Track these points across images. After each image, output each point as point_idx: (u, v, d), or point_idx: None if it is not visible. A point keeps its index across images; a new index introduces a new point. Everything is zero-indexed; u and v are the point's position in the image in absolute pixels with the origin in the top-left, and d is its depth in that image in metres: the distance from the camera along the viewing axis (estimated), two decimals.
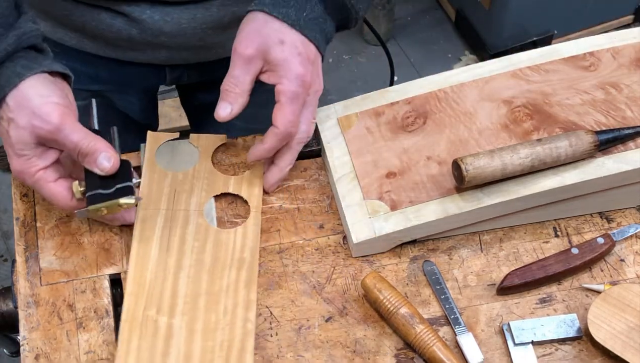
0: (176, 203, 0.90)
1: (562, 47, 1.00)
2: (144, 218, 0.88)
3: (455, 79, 0.98)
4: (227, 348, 0.80)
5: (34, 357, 0.81)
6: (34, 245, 0.89)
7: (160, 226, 0.88)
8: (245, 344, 0.81)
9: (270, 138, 0.86)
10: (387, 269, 0.89)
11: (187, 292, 0.84)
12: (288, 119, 0.85)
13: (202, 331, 0.81)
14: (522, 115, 0.94)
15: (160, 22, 0.97)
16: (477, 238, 0.92)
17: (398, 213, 0.88)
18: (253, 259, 0.87)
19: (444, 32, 2.54)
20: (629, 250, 0.91)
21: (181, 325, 0.81)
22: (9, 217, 2.07)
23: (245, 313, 0.83)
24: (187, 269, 0.85)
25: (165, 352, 0.79)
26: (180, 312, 0.82)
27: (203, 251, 0.87)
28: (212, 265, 0.86)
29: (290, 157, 0.90)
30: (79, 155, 0.80)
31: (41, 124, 0.78)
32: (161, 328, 0.81)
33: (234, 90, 0.85)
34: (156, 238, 0.87)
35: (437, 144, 0.93)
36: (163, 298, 0.83)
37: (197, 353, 0.80)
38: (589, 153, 0.88)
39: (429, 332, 0.81)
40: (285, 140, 0.88)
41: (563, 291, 0.88)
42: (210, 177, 0.93)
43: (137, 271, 0.85)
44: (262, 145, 0.87)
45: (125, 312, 0.82)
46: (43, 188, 0.82)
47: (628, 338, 0.80)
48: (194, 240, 0.88)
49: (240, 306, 0.83)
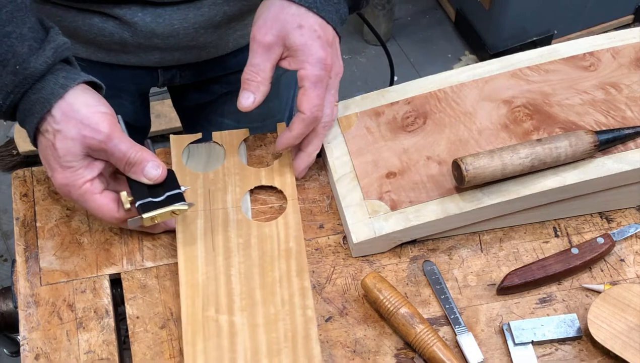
0: (212, 202, 0.90)
1: (562, 47, 1.00)
2: (185, 221, 0.89)
3: (455, 79, 0.98)
4: (292, 338, 0.81)
5: (34, 357, 0.81)
6: (34, 245, 0.89)
7: (201, 227, 0.88)
8: (309, 332, 0.81)
9: (297, 124, 0.86)
10: (387, 269, 0.89)
11: (241, 289, 0.84)
12: (314, 103, 0.85)
13: (264, 324, 0.82)
14: (522, 115, 0.94)
15: (152, 24, 0.97)
16: (477, 238, 0.92)
17: (398, 213, 0.88)
18: (300, 247, 0.87)
19: (444, 32, 2.54)
20: (629, 250, 0.91)
21: (242, 321, 0.82)
22: (9, 217, 2.07)
23: (302, 301, 0.83)
24: (237, 266, 0.85)
25: (232, 349, 0.80)
26: (239, 308, 0.83)
27: (249, 246, 0.87)
28: (260, 259, 0.86)
29: (317, 141, 0.90)
30: (126, 164, 0.80)
31: (92, 133, 0.78)
32: (223, 327, 0.81)
33: (255, 79, 0.85)
34: (200, 239, 0.87)
35: (437, 144, 0.93)
36: (219, 298, 0.83)
37: (263, 346, 0.80)
38: (589, 153, 0.88)
39: (429, 332, 0.81)
40: (312, 126, 0.87)
41: (563, 291, 0.88)
42: (241, 173, 0.93)
43: (188, 274, 0.85)
44: (290, 132, 0.87)
45: (185, 316, 0.82)
46: (89, 201, 0.81)
47: (628, 338, 0.80)
48: (238, 237, 0.88)
49: (296, 295, 0.83)
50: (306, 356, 0.80)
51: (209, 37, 1.02)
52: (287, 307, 0.83)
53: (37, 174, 0.94)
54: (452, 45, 2.51)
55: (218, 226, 0.88)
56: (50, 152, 0.80)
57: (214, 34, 1.02)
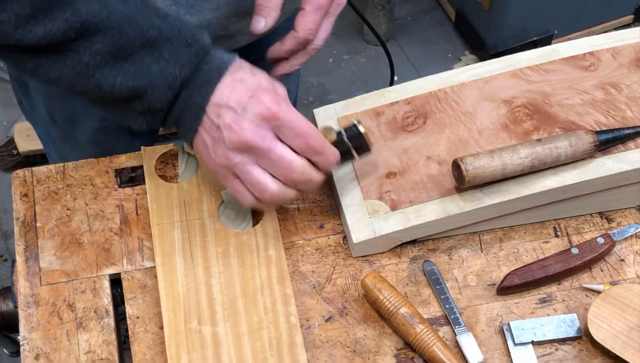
0: (189, 213, 0.90)
1: (562, 47, 1.00)
2: (161, 233, 0.88)
3: (455, 79, 0.98)
4: (277, 345, 0.80)
5: (34, 357, 0.81)
6: (34, 245, 0.89)
7: (179, 238, 0.88)
8: (294, 338, 0.81)
9: (289, 41, 0.89)
10: (387, 269, 0.89)
11: (223, 299, 0.84)
12: (309, 27, 0.88)
13: (248, 333, 0.81)
14: (522, 115, 0.94)
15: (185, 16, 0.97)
16: (477, 238, 0.92)
17: (398, 213, 0.88)
18: (279, 254, 0.87)
19: (444, 32, 2.54)
20: (629, 250, 0.91)
21: (226, 331, 0.81)
22: (9, 217, 2.07)
23: (285, 308, 0.83)
24: (217, 276, 0.85)
25: (217, 360, 0.79)
26: (222, 318, 0.82)
27: (228, 255, 0.87)
28: (240, 267, 0.86)
29: (303, 58, 0.93)
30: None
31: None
32: (207, 338, 0.81)
33: (268, 5, 0.87)
34: (178, 251, 0.87)
35: (437, 144, 0.93)
36: (201, 309, 0.83)
37: (248, 355, 0.80)
38: (589, 153, 0.88)
39: (429, 332, 0.81)
40: (302, 46, 0.90)
41: (563, 291, 0.88)
42: (216, 182, 0.93)
43: (168, 287, 0.84)
44: (282, 46, 0.90)
45: (168, 329, 0.81)
46: (285, 151, 0.79)
47: (628, 338, 0.80)
48: (216, 246, 0.87)
49: (278, 302, 0.83)
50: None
51: (238, 25, 1.03)
52: (270, 315, 0.82)
53: (37, 173, 0.94)
54: (452, 45, 2.51)
55: (196, 237, 0.88)
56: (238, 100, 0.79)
57: (243, 21, 1.03)
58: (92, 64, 0.75)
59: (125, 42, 0.75)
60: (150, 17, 0.76)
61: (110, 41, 0.74)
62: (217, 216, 0.90)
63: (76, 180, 0.94)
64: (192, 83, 0.78)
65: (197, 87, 0.79)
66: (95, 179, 0.94)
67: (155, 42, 0.76)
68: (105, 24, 0.74)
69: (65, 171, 0.95)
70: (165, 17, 0.78)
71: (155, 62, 0.76)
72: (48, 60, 0.75)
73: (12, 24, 0.71)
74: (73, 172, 0.95)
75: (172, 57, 0.77)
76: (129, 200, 0.93)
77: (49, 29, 0.72)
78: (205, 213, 0.90)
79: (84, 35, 0.73)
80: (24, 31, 0.71)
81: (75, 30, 0.73)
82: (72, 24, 0.72)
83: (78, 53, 0.74)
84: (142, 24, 0.76)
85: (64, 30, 0.72)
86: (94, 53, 0.75)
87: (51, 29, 0.72)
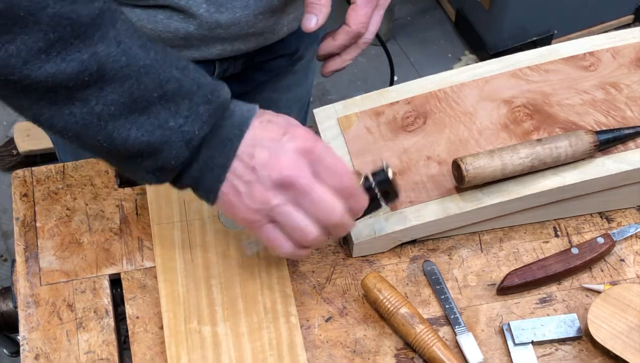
0: (188, 213, 0.90)
1: (562, 47, 1.00)
2: (161, 233, 0.88)
3: (455, 79, 0.98)
4: (277, 345, 0.80)
5: (33, 357, 0.81)
6: (34, 245, 0.89)
7: (178, 239, 0.88)
8: (293, 338, 0.81)
9: (341, 35, 0.91)
10: (387, 269, 0.89)
11: (223, 299, 0.83)
12: (360, 20, 0.89)
13: (248, 333, 0.81)
14: (522, 115, 0.94)
15: (216, 14, 0.97)
16: (477, 238, 0.92)
17: (398, 213, 0.88)
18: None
19: (444, 32, 2.54)
20: (629, 250, 0.91)
21: (226, 331, 0.81)
22: (9, 217, 2.07)
23: (285, 308, 0.83)
24: (217, 276, 0.85)
25: (217, 360, 0.79)
26: (222, 318, 0.82)
27: (228, 256, 0.87)
28: (240, 268, 0.86)
29: (355, 53, 0.94)
30: None
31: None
32: (207, 338, 0.81)
33: (319, 2, 0.88)
34: (178, 251, 0.87)
35: (437, 144, 0.93)
36: (201, 309, 0.83)
37: (248, 355, 0.80)
38: (589, 153, 0.88)
39: (429, 332, 0.81)
40: (354, 40, 0.92)
41: (563, 291, 0.88)
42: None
43: (167, 287, 0.84)
44: (334, 41, 0.91)
45: (168, 329, 0.81)
46: (320, 191, 0.72)
47: (628, 338, 0.80)
48: (216, 246, 0.87)
49: (278, 302, 0.83)
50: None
51: (266, 22, 1.03)
52: (270, 315, 0.82)
53: (37, 174, 0.94)
54: (452, 45, 2.51)
55: (195, 237, 0.88)
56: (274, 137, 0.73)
57: (271, 19, 1.03)
58: (104, 115, 0.68)
59: (143, 94, 0.68)
60: (170, 67, 0.70)
61: (128, 91, 0.67)
62: (217, 216, 0.89)
63: (76, 180, 0.94)
64: (213, 142, 0.72)
65: (218, 147, 0.72)
66: (95, 179, 0.94)
67: (173, 96, 0.70)
68: (124, 71, 0.67)
69: (65, 171, 0.95)
70: (185, 68, 0.72)
71: (173, 118, 0.70)
72: (54, 106, 0.67)
73: (21, 57, 0.63)
74: (73, 172, 0.95)
75: (190, 113, 0.70)
76: (129, 200, 0.93)
77: (61, 69, 0.64)
78: (205, 213, 0.90)
79: (98, 82, 0.66)
80: (33, 67, 0.63)
81: (89, 75, 0.65)
82: (88, 67, 0.65)
83: (89, 102, 0.67)
84: (162, 74, 0.69)
85: (78, 72, 0.65)
86: (108, 103, 0.67)
87: (64, 68, 0.64)
